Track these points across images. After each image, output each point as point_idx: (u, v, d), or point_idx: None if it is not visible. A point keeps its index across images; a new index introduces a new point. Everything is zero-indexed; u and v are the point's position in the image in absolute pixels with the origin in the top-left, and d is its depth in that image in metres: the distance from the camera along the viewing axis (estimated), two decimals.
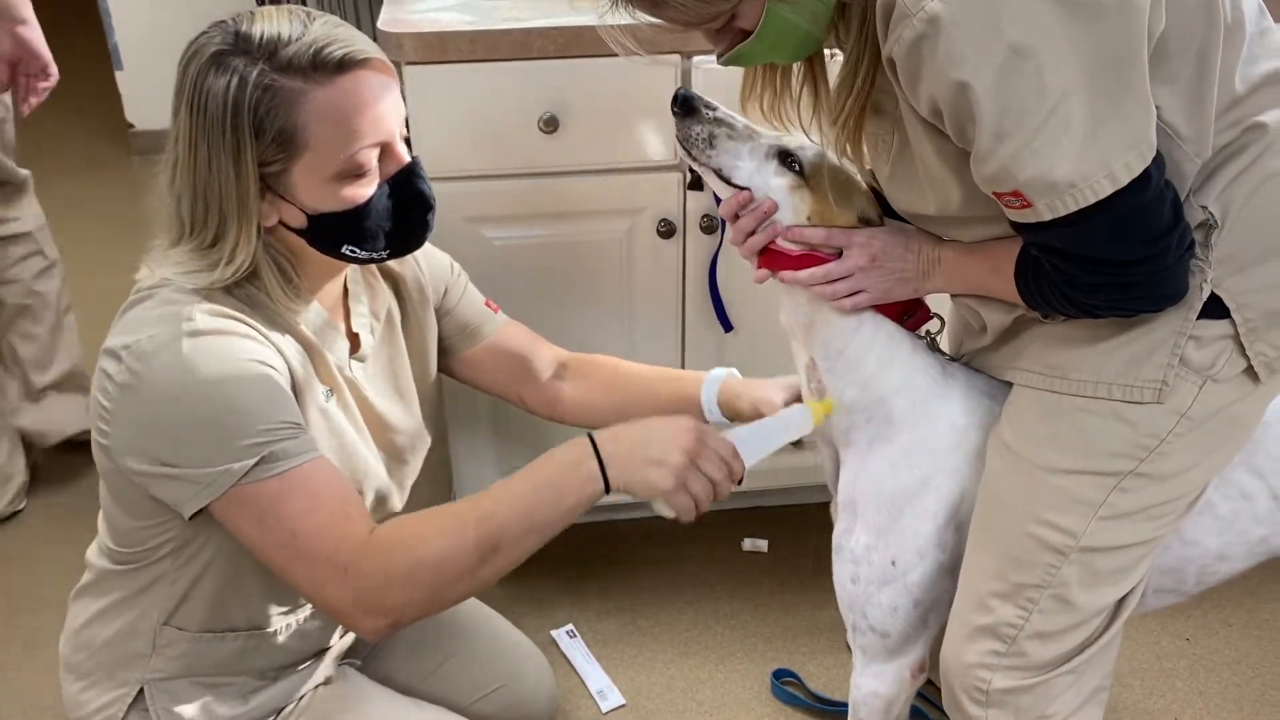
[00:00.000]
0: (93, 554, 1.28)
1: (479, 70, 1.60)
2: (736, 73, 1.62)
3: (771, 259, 1.26)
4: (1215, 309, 1.08)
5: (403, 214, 1.18)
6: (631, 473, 1.12)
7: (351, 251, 1.17)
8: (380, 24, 1.61)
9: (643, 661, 1.84)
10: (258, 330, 1.13)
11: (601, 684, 1.78)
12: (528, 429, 1.90)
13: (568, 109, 1.64)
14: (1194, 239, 1.04)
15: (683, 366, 1.88)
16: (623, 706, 1.75)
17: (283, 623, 1.29)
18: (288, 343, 1.17)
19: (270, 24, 1.09)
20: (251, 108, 1.06)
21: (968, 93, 0.94)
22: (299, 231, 1.15)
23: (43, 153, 3.91)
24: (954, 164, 1.07)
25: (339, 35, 1.10)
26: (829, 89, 1.16)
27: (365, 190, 1.14)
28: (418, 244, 1.24)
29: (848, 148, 1.13)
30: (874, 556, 1.28)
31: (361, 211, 1.14)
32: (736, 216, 1.25)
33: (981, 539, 1.23)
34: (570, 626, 1.89)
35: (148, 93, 3.78)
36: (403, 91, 1.63)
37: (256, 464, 1.06)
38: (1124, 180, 0.96)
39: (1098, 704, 1.28)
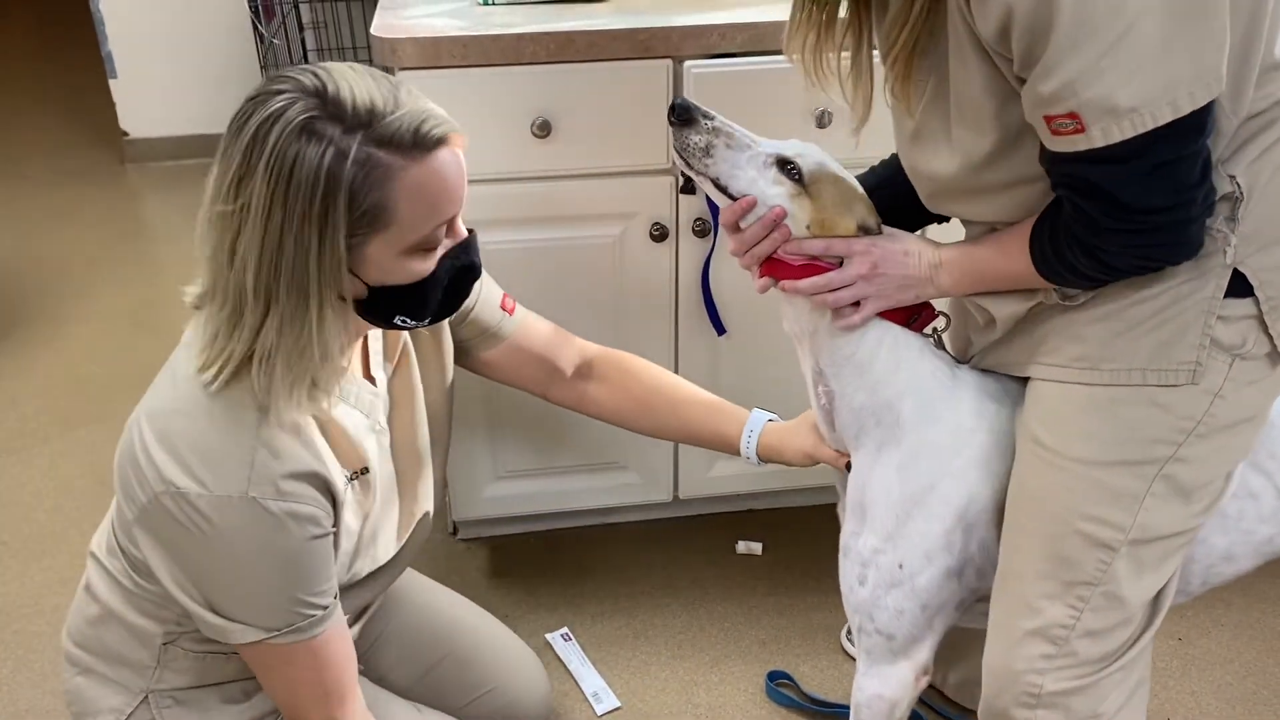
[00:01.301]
0: (100, 551, 1.27)
1: (472, 75, 1.60)
2: (730, 77, 1.64)
3: (773, 268, 1.25)
4: (1239, 288, 1.08)
5: (453, 284, 1.17)
6: None
7: (402, 321, 1.16)
8: (374, 29, 1.62)
9: (638, 664, 1.84)
10: (316, 454, 1.12)
11: (596, 686, 1.78)
12: (522, 431, 1.90)
13: (560, 114, 1.64)
14: (1215, 200, 1.05)
15: (676, 370, 1.88)
16: (618, 709, 1.75)
17: None
18: (319, 437, 1.15)
19: (360, 90, 1.03)
20: (348, 180, 1.01)
21: None
22: (355, 301, 1.12)
23: (36, 161, 3.91)
24: (998, 99, 1.06)
25: (431, 110, 1.07)
26: (870, 40, 1.16)
27: (429, 265, 1.12)
28: (455, 310, 1.23)
29: (895, 87, 1.12)
30: (881, 559, 1.27)
31: (424, 285, 1.12)
32: (737, 226, 1.24)
33: (1022, 540, 1.22)
34: (565, 630, 1.89)
35: (141, 101, 3.78)
36: None
37: (284, 631, 1.13)
38: (1185, 109, 0.95)
39: (1141, 698, 1.29)
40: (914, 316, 1.29)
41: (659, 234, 1.75)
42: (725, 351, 1.87)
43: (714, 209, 1.69)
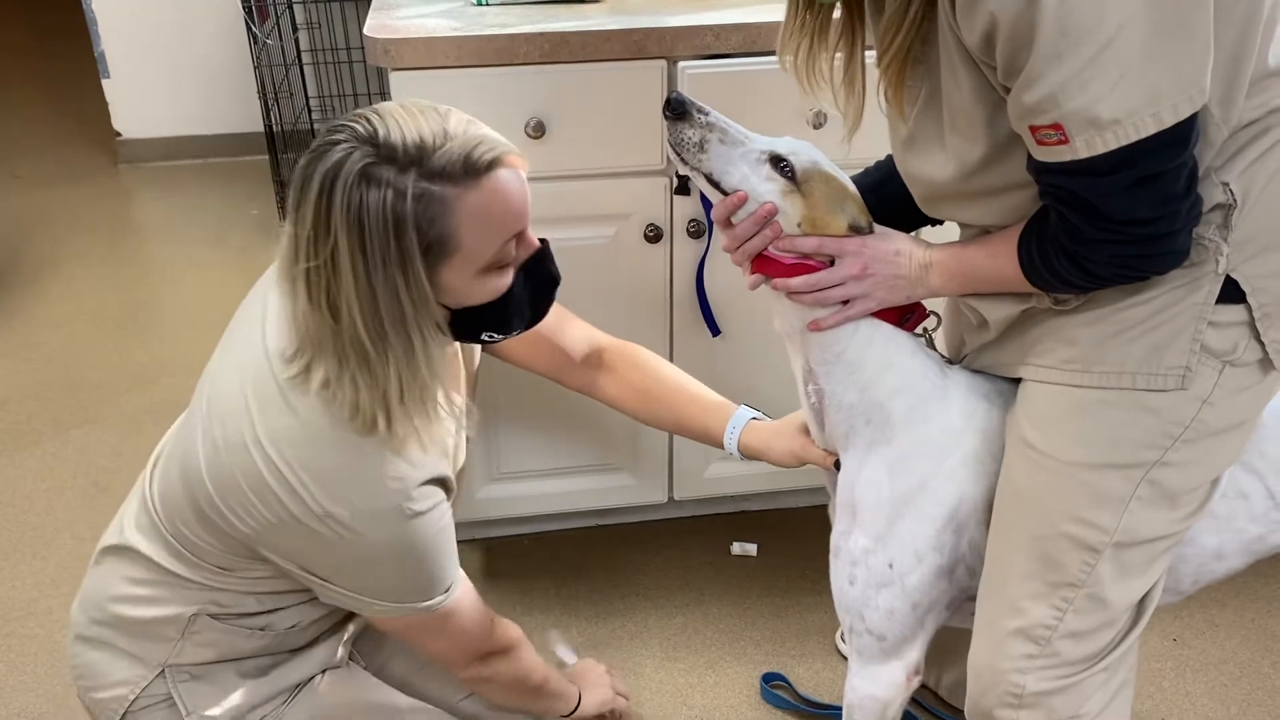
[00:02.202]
0: (133, 534, 1.28)
1: (465, 76, 1.60)
2: (724, 78, 1.63)
3: (764, 265, 1.25)
4: (1231, 294, 1.09)
5: (535, 295, 1.23)
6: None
7: (489, 337, 1.23)
8: (367, 30, 1.61)
9: (632, 666, 1.84)
10: (436, 456, 1.21)
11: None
12: (517, 432, 1.90)
13: (554, 114, 1.64)
14: (1202, 213, 1.05)
15: None
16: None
17: (311, 615, 1.34)
18: (441, 449, 1.24)
19: (409, 128, 1.07)
20: (412, 217, 1.06)
21: (1034, 8, 0.93)
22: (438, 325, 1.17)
23: (30, 161, 3.90)
24: (988, 107, 1.06)
25: (481, 134, 1.10)
26: (863, 47, 1.16)
27: (506, 280, 1.17)
28: (541, 319, 1.29)
29: (888, 93, 1.13)
30: (872, 559, 1.28)
31: (504, 301, 1.17)
32: (728, 222, 1.25)
33: (1008, 540, 1.22)
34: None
35: (135, 101, 3.77)
36: (388, 98, 1.64)
37: (426, 606, 1.26)
38: (1168, 122, 0.95)
39: (1125, 699, 1.29)
40: (905, 316, 1.29)
41: (653, 235, 1.74)
42: (720, 352, 1.87)
43: (708, 207, 1.69)
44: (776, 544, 2.09)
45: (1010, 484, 1.22)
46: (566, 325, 1.54)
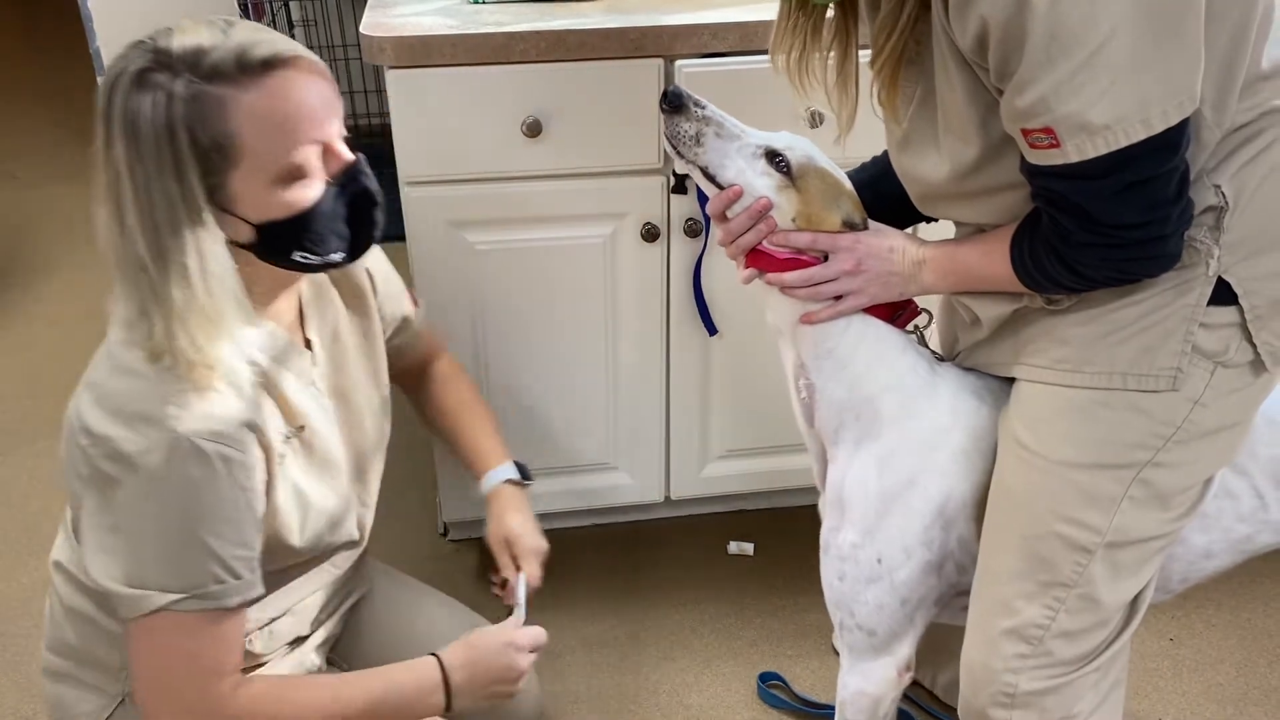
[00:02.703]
0: (61, 554, 1.26)
1: (462, 74, 1.60)
2: (721, 77, 1.63)
3: (758, 260, 1.26)
4: (1223, 296, 1.09)
5: (353, 214, 1.15)
6: (476, 702, 1.27)
7: (304, 258, 1.14)
8: (363, 28, 1.61)
9: (629, 666, 1.84)
10: (235, 386, 1.10)
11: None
12: (511, 431, 1.89)
13: (551, 113, 1.63)
14: (1193, 216, 1.05)
15: (668, 372, 1.88)
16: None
17: (254, 630, 1.28)
18: (254, 390, 1.14)
19: (189, 35, 1.06)
20: (183, 121, 1.03)
21: (1024, 12, 0.93)
22: (247, 246, 1.12)
23: (24, 160, 3.89)
24: (981, 109, 1.06)
25: (261, 37, 1.07)
26: (856, 49, 1.16)
27: (310, 192, 1.10)
28: (368, 243, 1.21)
29: (882, 94, 1.13)
30: (861, 554, 1.28)
31: (310, 215, 1.11)
32: (724, 216, 1.25)
33: (1001, 540, 1.23)
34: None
35: None
36: (384, 96, 1.63)
37: (194, 594, 1.10)
38: (1159, 127, 0.95)
39: (1117, 699, 1.30)
40: (897, 313, 1.29)
41: (650, 234, 1.74)
42: (716, 352, 1.87)
43: (704, 202, 1.69)
44: (773, 543, 2.09)
45: (1002, 483, 1.23)
46: (437, 336, 1.57)
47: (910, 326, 1.31)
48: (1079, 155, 0.98)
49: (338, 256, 1.17)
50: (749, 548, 2.08)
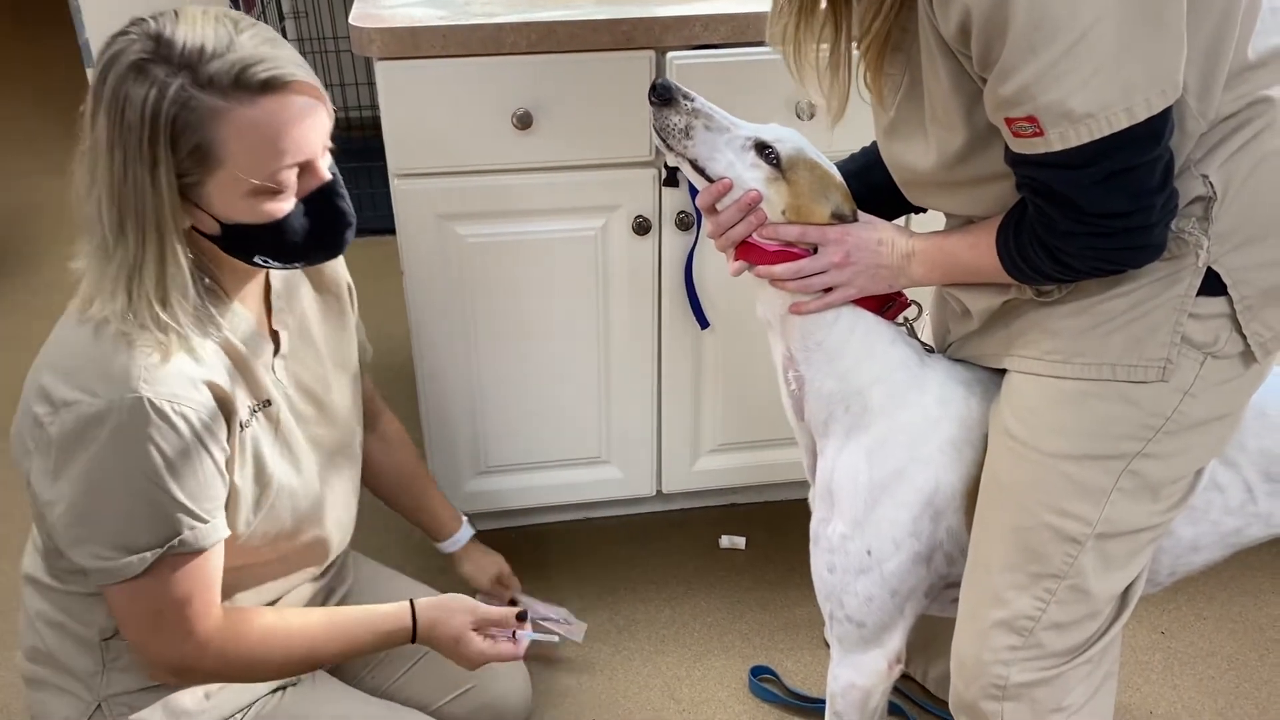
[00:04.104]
0: (29, 565, 1.27)
1: (451, 66, 1.59)
2: (713, 69, 1.62)
3: (747, 252, 1.26)
4: (1213, 286, 1.09)
5: (319, 229, 1.17)
6: (435, 649, 1.36)
7: (264, 261, 1.17)
8: (351, 19, 1.60)
9: (620, 659, 1.83)
10: (194, 356, 1.13)
11: (560, 614, 1.80)
12: (504, 425, 1.89)
13: (541, 105, 1.63)
14: (1178, 205, 1.05)
15: (659, 366, 1.87)
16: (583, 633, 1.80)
17: None
18: (219, 359, 1.16)
19: (195, 31, 1.06)
20: (169, 121, 1.04)
21: (1007, 0, 0.93)
22: (212, 238, 1.14)
23: (11, 152, 3.87)
24: (966, 98, 1.06)
25: (265, 54, 1.07)
26: (849, 34, 1.16)
27: (282, 206, 1.13)
28: (329, 258, 1.24)
29: (868, 78, 1.13)
30: (850, 546, 1.28)
31: (277, 227, 1.13)
32: (713, 209, 1.25)
33: (991, 531, 1.23)
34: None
35: None
36: (374, 88, 1.62)
37: (170, 545, 1.12)
38: (1141, 116, 0.95)
39: (1108, 692, 1.30)
40: (887, 305, 1.29)
41: (642, 227, 1.73)
42: (708, 345, 1.87)
43: (694, 194, 1.69)
44: (765, 537, 2.09)
45: (993, 475, 1.23)
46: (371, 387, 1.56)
47: (900, 318, 1.31)
48: (1062, 144, 0.97)
49: (297, 265, 1.21)
50: (740, 542, 2.08)
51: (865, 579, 1.28)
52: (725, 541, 2.08)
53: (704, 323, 1.83)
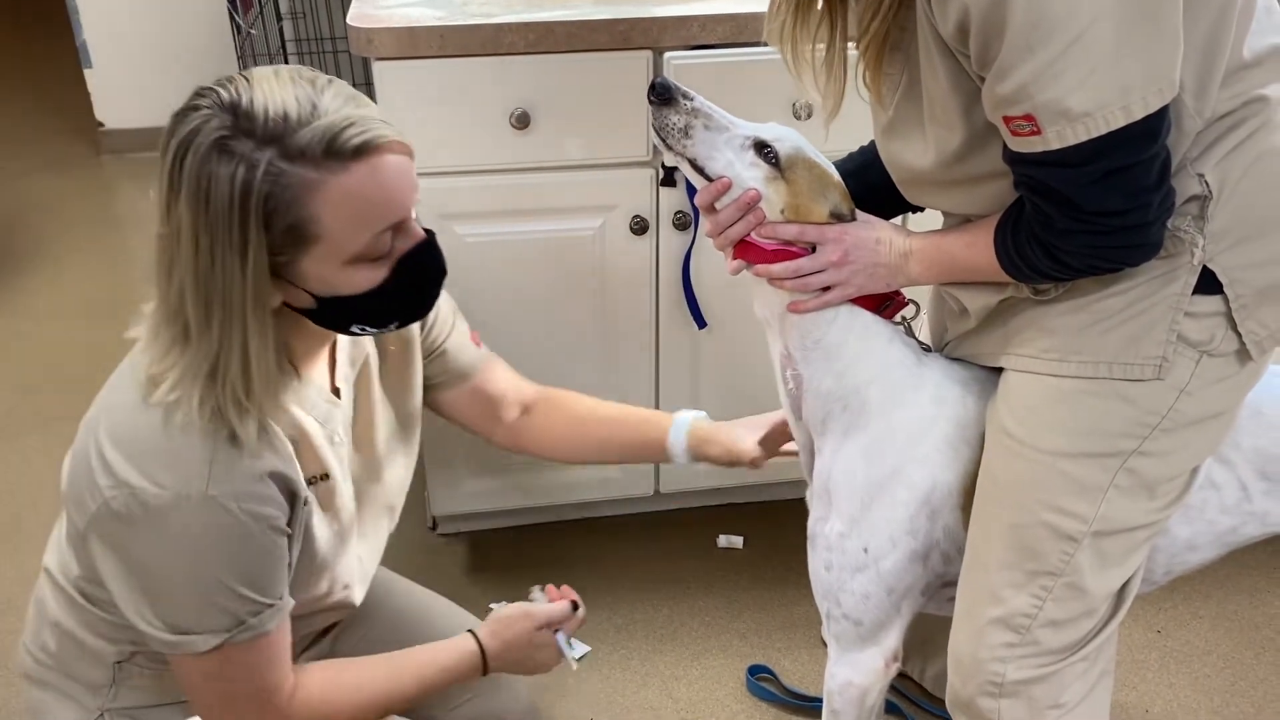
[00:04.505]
0: (53, 567, 1.23)
1: (450, 66, 1.59)
2: (710, 69, 1.63)
3: (746, 251, 1.26)
4: (1208, 285, 1.09)
5: (416, 287, 1.13)
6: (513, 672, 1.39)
7: (360, 330, 1.12)
8: (350, 19, 1.60)
9: (618, 659, 1.84)
10: (266, 440, 1.08)
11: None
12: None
13: (540, 105, 1.63)
14: (1175, 204, 1.05)
15: (657, 365, 1.88)
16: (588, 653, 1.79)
17: None
18: (284, 441, 1.12)
19: (274, 97, 0.98)
20: (260, 200, 0.97)
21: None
22: (304, 311, 1.09)
23: (10, 152, 3.87)
24: (965, 97, 1.07)
25: (352, 115, 1.00)
26: (844, 32, 1.16)
27: (379, 274, 1.07)
28: (425, 314, 1.20)
29: (866, 77, 1.13)
30: (847, 544, 1.28)
31: (374, 294, 1.07)
32: (712, 207, 1.25)
33: (987, 529, 1.23)
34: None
35: (117, 91, 3.74)
36: (372, 88, 1.63)
37: (236, 631, 1.10)
38: (1138, 114, 0.96)
39: (1104, 689, 1.30)
40: (884, 304, 1.29)
41: (639, 227, 1.74)
42: (706, 345, 1.87)
43: (693, 194, 1.69)
44: (763, 537, 2.09)
45: (989, 473, 1.23)
46: (495, 372, 1.48)
47: (898, 317, 1.32)
48: (1059, 142, 0.98)
49: (394, 326, 1.16)
50: (738, 541, 2.08)
51: (862, 577, 1.28)
52: (723, 541, 2.08)
53: (701, 322, 1.83)
